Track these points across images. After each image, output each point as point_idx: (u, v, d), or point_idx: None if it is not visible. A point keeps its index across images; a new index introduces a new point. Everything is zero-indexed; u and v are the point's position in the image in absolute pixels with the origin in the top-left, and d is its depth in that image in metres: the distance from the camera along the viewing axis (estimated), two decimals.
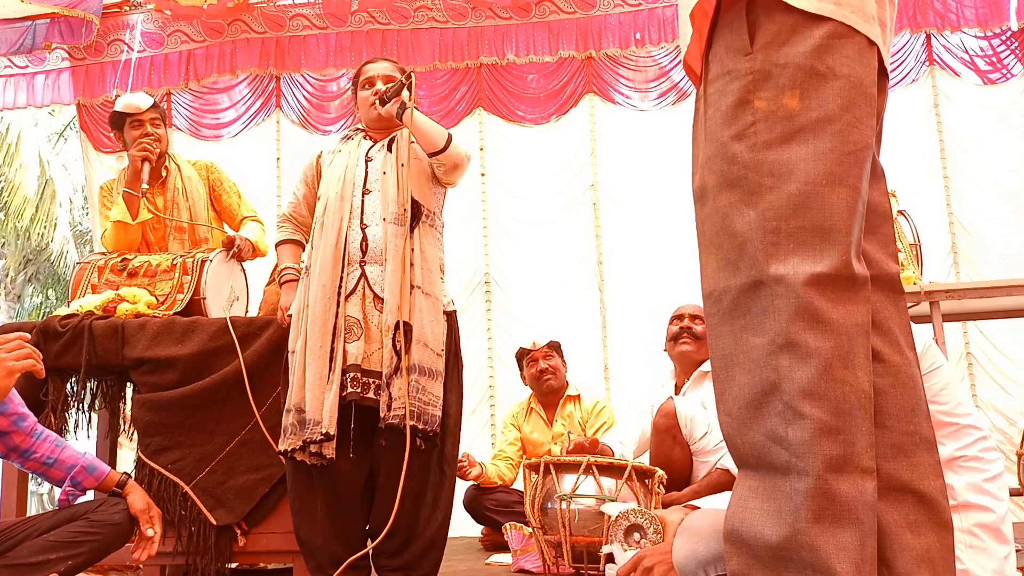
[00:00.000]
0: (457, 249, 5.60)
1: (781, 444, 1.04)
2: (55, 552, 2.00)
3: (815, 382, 1.03)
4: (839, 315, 1.04)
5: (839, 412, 1.02)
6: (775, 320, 1.05)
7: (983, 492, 1.62)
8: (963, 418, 1.67)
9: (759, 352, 1.07)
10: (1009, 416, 5.04)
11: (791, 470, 1.03)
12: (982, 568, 1.57)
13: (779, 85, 1.08)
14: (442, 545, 2.48)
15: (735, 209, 1.11)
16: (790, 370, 1.04)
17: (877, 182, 1.22)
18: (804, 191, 1.06)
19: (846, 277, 1.05)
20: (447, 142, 2.48)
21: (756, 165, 1.09)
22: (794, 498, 1.03)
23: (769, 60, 1.09)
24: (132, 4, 6.00)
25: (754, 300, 1.08)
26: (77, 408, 2.81)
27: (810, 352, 1.03)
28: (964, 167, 5.47)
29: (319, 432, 2.28)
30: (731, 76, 1.12)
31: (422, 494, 2.41)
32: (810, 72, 1.08)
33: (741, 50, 1.11)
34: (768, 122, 1.09)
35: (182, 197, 3.21)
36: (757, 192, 1.08)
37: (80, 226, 13.60)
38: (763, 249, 1.07)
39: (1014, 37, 5.54)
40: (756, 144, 1.09)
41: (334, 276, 2.39)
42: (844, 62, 1.09)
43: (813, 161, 1.06)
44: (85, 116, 5.99)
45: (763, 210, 1.07)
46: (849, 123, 1.08)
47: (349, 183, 2.49)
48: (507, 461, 3.91)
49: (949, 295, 2.94)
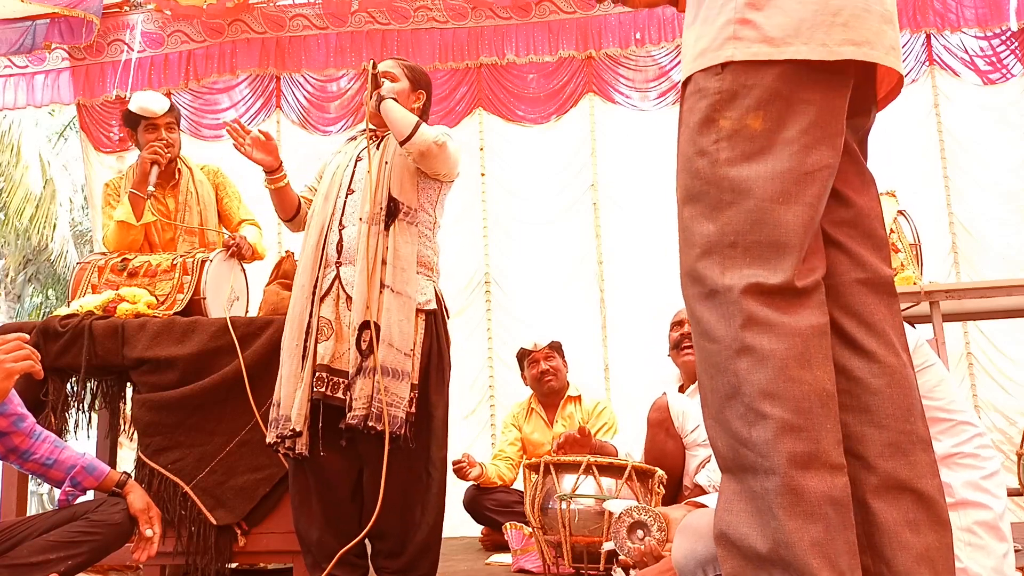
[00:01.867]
0: (457, 249, 5.60)
1: (747, 445, 1.08)
2: (55, 552, 2.00)
3: (773, 383, 1.07)
4: (791, 320, 1.09)
5: (799, 410, 1.06)
6: (730, 327, 1.10)
7: (981, 490, 1.62)
8: (958, 414, 1.68)
9: (720, 357, 1.12)
10: (1009, 416, 5.04)
11: (759, 470, 1.06)
12: (981, 566, 1.57)
13: (744, 106, 1.14)
14: (437, 547, 2.48)
15: (696, 222, 1.17)
16: (748, 373, 1.08)
17: (867, 188, 1.26)
18: (760, 207, 1.12)
19: (796, 288, 1.11)
20: (412, 130, 2.45)
21: (717, 181, 1.14)
22: (766, 497, 1.05)
23: (737, 81, 1.15)
24: (132, 4, 6.00)
25: (710, 308, 1.13)
26: (77, 408, 2.81)
27: (765, 355, 1.08)
28: (964, 167, 5.47)
29: (288, 428, 2.34)
30: (701, 95, 1.18)
31: (408, 497, 2.41)
32: (774, 95, 1.14)
33: (713, 70, 1.16)
34: (731, 141, 1.14)
35: (194, 201, 3.22)
36: (717, 207, 1.14)
37: (80, 226, 13.61)
38: (720, 261, 1.13)
39: (1014, 37, 5.54)
40: (718, 161, 1.15)
41: (311, 277, 2.44)
42: (808, 87, 1.14)
43: (770, 180, 1.12)
44: (85, 116, 5.99)
45: (722, 224, 1.14)
46: (807, 145, 1.14)
47: (335, 184, 2.54)
48: (507, 461, 3.91)
49: (949, 295, 2.94)
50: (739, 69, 1.15)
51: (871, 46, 1.16)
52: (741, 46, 1.15)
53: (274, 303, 2.90)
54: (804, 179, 1.13)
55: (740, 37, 1.15)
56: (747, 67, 1.14)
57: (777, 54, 1.13)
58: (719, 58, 1.16)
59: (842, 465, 1.08)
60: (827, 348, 1.11)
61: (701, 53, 1.19)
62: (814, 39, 1.13)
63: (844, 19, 1.14)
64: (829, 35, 1.13)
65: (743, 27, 1.15)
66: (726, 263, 1.12)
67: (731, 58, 1.15)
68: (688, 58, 1.23)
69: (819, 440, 1.06)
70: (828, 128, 1.15)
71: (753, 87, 1.14)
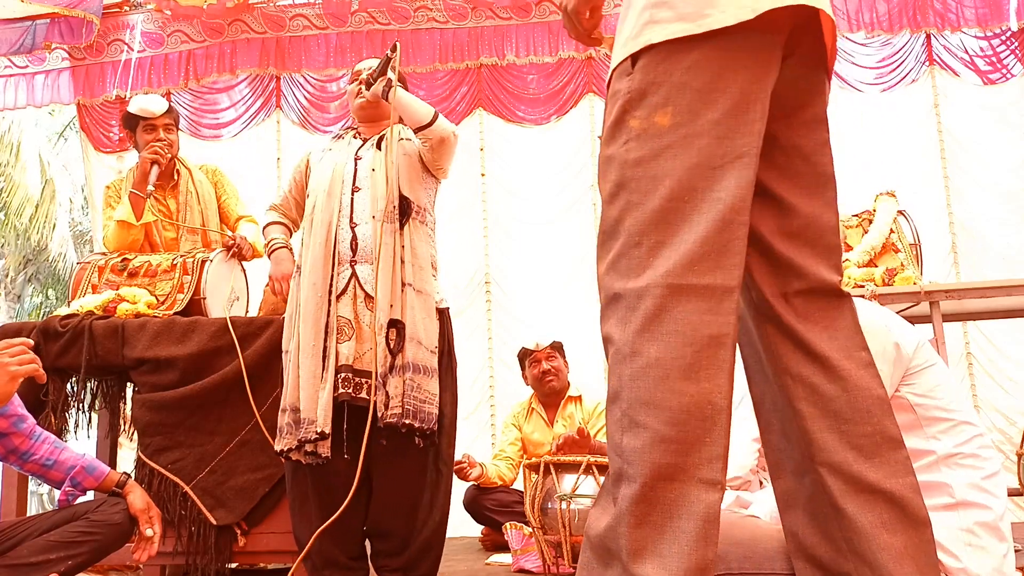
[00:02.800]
0: (457, 249, 5.60)
1: (617, 451, 1.06)
2: (55, 552, 2.00)
3: (651, 392, 1.04)
4: (689, 326, 1.06)
5: (673, 422, 1.03)
6: (625, 330, 1.08)
7: (981, 490, 1.62)
8: (958, 414, 1.67)
9: (610, 361, 1.10)
10: (1009, 416, 5.04)
11: (623, 476, 1.04)
12: (981, 566, 1.57)
13: (652, 104, 1.11)
14: (440, 545, 2.47)
15: (608, 224, 1.15)
16: (630, 379, 1.06)
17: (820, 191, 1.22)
18: (667, 207, 1.09)
19: (704, 288, 1.07)
20: (433, 117, 2.48)
21: (627, 183, 1.12)
22: (621, 504, 1.03)
23: (646, 79, 1.12)
24: (132, 4, 6.00)
25: (613, 311, 1.11)
26: (77, 408, 2.81)
27: (650, 363, 1.05)
28: (964, 167, 5.47)
29: (314, 431, 2.27)
30: (616, 96, 1.15)
31: (419, 494, 2.41)
32: (683, 87, 1.10)
33: (625, 71, 1.15)
34: (639, 141, 1.12)
35: (194, 200, 3.23)
36: (627, 209, 1.11)
37: (80, 226, 13.60)
38: (626, 264, 1.10)
39: (1014, 37, 5.54)
40: (628, 162, 1.12)
41: (324, 275, 2.38)
42: (728, 69, 1.10)
43: (679, 178, 1.09)
44: (85, 116, 5.99)
45: (630, 226, 1.10)
46: (719, 136, 1.10)
47: (338, 181, 2.48)
48: (507, 461, 3.91)
49: (949, 295, 2.93)
50: (649, 65, 1.11)
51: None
52: (658, 28, 1.12)
53: (274, 303, 2.90)
54: (715, 174, 1.09)
55: (657, 20, 1.12)
56: (658, 61, 1.11)
57: (695, 28, 1.09)
58: (638, 44, 1.13)
59: (715, 482, 1.04)
60: (724, 360, 1.07)
61: (623, 44, 1.17)
62: (732, 2, 1.08)
63: None
64: None
65: (659, 9, 1.12)
66: (632, 265, 1.10)
67: (650, 41, 1.11)
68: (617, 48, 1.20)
69: (689, 453, 1.03)
70: (746, 115, 1.11)
71: (662, 84, 1.11)
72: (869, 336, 1.66)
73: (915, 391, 1.68)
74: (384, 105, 2.54)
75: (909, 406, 1.67)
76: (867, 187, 3.68)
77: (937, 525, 1.59)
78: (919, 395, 1.67)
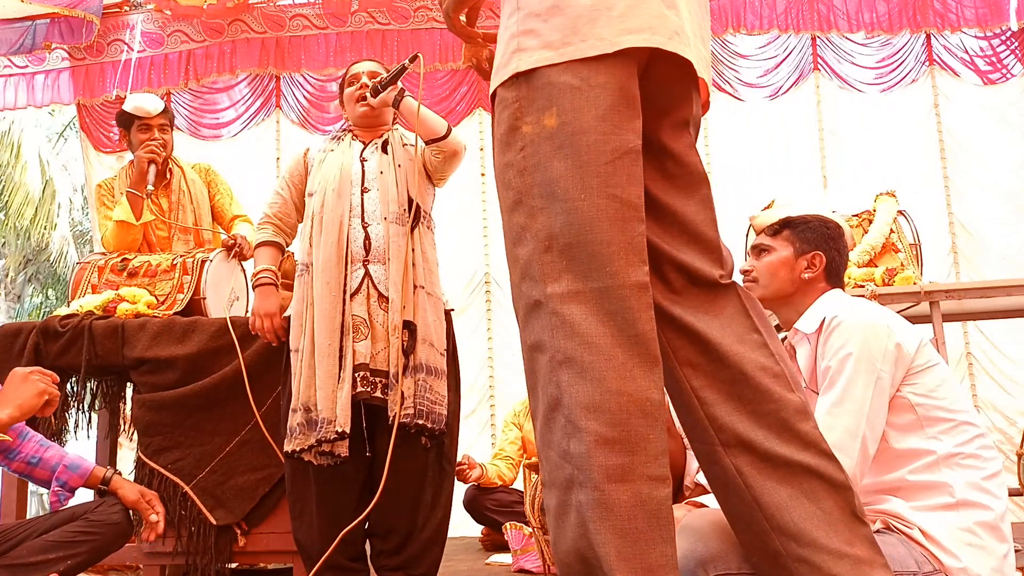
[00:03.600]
0: (457, 249, 5.60)
1: (566, 459, 1.06)
2: (54, 552, 2.00)
3: (592, 395, 1.05)
4: (615, 327, 1.07)
5: (616, 423, 1.05)
6: (553, 337, 1.09)
7: (982, 490, 1.62)
8: (960, 415, 1.68)
9: (544, 370, 1.10)
10: (1009, 416, 5.04)
11: (574, 483, 1.05)
12: (981, 566, 1.57)
13: (539, 107, 1.14)
14: (441, 544, 2.47)
15: (514, 233, 1.16)
16: (569, 385, 1.07)
17: (694, 192, 1.25)
18: (568, 208, 1.10)
19: (621, 287, 1.08)
20: (448, 130, 2.50)
21: (527, 189, 1.14)
22: (581, 510, 1.04)
23: (532, 85, 1.15)
24: (132, 4, 6.00)
25: (537, 319, 1.11)
26: (77, 408, 2.81)
27: (585, 367, 1.06)
28: (964, 167, 5.47)
29: (333, 431, 2.25)
30: (503, 106, 1.19)
31: (421, 493, 2.41)
32: (566, 88, 1.13)
33: (509, 81, 1.18)
34: (534, 145, 1.14)
35: (187, 199, 3.22)
36: (531, 215, 1.13)
37: (80, 226, 13.60)
38: (539, 270, 1.11)
39: (1014, 37, 5.55)
40: (525, 168, 1.14)
41: (338, 274, 2.36)
42: (600, 74, 1.13)
43: (573, 177, 1.11)
44: (85, 116, 5.99)
45: (536, 231, 1.12)
46: (605, 132, 1.12)
47: (347, 180, 2.46)
48: (507, 461, 3.91)
49: (949, 295, 2.93)
50: (532, 74, 1.15)
51: (652, 31, 1.16)
52: (524, 56, 1.17)
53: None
54: (606, 169, 1.11)
55: (523, 48, 1.17)
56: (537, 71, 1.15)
57: (558, 57, 1.14)
58: (508, 72, 1.18)
59: (663, 477, 1.06)
60: (654, 354, 1.09)
61: (496, 71, 1.22)
62: (592, 35, 1.14)
63: (619, 11, 1.15)
64: (607, 28, 1.14)
65: (526, 37, 1.17)
66: (545, 271, 1.11)
67: (517, 69, 1.16)
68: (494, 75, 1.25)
69: (635, 452, 1.05)
70: (625, 112, 1.14)
71: (546, 86, 1.14)
72: (872, 336, 1.67)
73: (917, 391, 1.68)
74: (386, 112, 2.54)
75: (910, 406, 1.67)
76: (867, 187, 3.69)
77: (937, 524, 1.59)
78: (920, 395, 1.68)
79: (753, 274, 1.93)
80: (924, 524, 1.59)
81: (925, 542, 1.58)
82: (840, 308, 1.76)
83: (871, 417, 1.64)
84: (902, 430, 1.67)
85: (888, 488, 1.68)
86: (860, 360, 1.66)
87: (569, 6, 1.16)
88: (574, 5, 1.16)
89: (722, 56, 5.78)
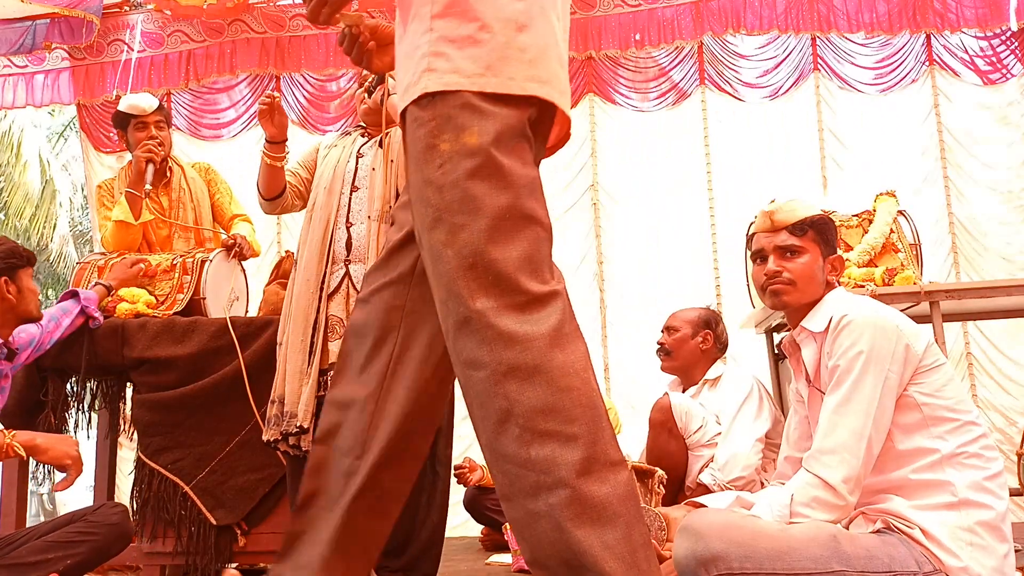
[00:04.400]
0: None
1: (527, 466, 1.06)
2: (53, 552, 2.01)
3: (544, 398, 1.07)
4: (544, 330, 1.10)
5: (572, 418, 1.06)
6: (492, 351, 1.09)
7: (984, 490, 1.62)
8: (965, 415, 1.68)
9: (484, 385, 1.10)
10: (1009, 416, 5.04)
11: (541, 488, 1.05)
12: (982, 566, 1.57)
13: (458, 125, 1.16)
14: (439, 545, 2.47)
15: (435, 251, 1.16)
16: (519, 393, 1.07)
17: None
18: (492, 225, 1.12)
19: (542, 295, 1.12)
20: None
21: (447, 206, 1.15)
22: (552, 513, 1.04)
23: (445, 103, 1.18)
24: (132, 4, 6.00)
25: (467, 336, 1.12)
26: (77, 408, 2.81)
27: (531, 372, 1.08)
28: (964, 167, 5.47)
29: (295, 425, 2.31)
30: (418, 124, 1.20)
31: (415, 496, 2.41)
32: (475, 111, 1.17)
33: (424, 100, 1.20)
34: (453, 162, 1.15)
35: (187, 198, 3.22)
36: (453, 231, 1.14)
37: (80, 226, 13.60)
38: (465, 286, 1.12)
39: (1014, 37, 5.54)
40: (444, 186, 1.15)
41: (318, 272, 2.41)
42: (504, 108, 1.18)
43: (496, 195, 1.14)
44: (85, 116, 5.99)
45: (459, 249, 1.13)
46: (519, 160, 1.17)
47: (338, 179, 2.50)
48: None
49: (949, 295, 2.93)
50: (447, 94, 1.18)
51: (551, 86, 1.22)
52: (434, 77, 1.19)
53: (274, 303, 2.89)
54: (522, 191, 1.15)
55: (434, 68, 1.19)
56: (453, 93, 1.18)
57: (468, 84, 1.17)
58: (418, 91, 1.20)
59: (620, 460, 1.09)
60: (584, 348, 1.13)
61: (406, 89, 1.24)
62: (503, 73, 1.18)
63: (530, 57, 1.20)
64: (517, 70, 1.19)
65: (436, 59, 1.20)
66: (472, 287, 1.12)
67: (426, 89, 1.19)
68: (399, 93, 1.27)
69: (595, 443, 1.07)
70: (528, 149, 1.20)
71: (464, 107, 1.17)
72: (881, 336, 1.67)
73: (923, 390, 1.68)
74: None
75: (916, 405, 1.67)
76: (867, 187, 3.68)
77: (938, 524, 1.59)
78: (927, 395, 1.68)
79: (787, 275, 1.85)
80: (925, 524, 1.60)
81: (926, 542, 1.58)
82: (848, 307, 1.76)
83: (877, 417, 1.64)
84: (907, 430, 1.67)
85: (890, 487, 1.68)
86: (869, 360, 1.66)
87: (484, 40, 1.19)
88: (488, 40, 1.19)
89: (722, 56, 5.78)
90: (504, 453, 1.09)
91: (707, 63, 5.78)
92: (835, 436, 1.65)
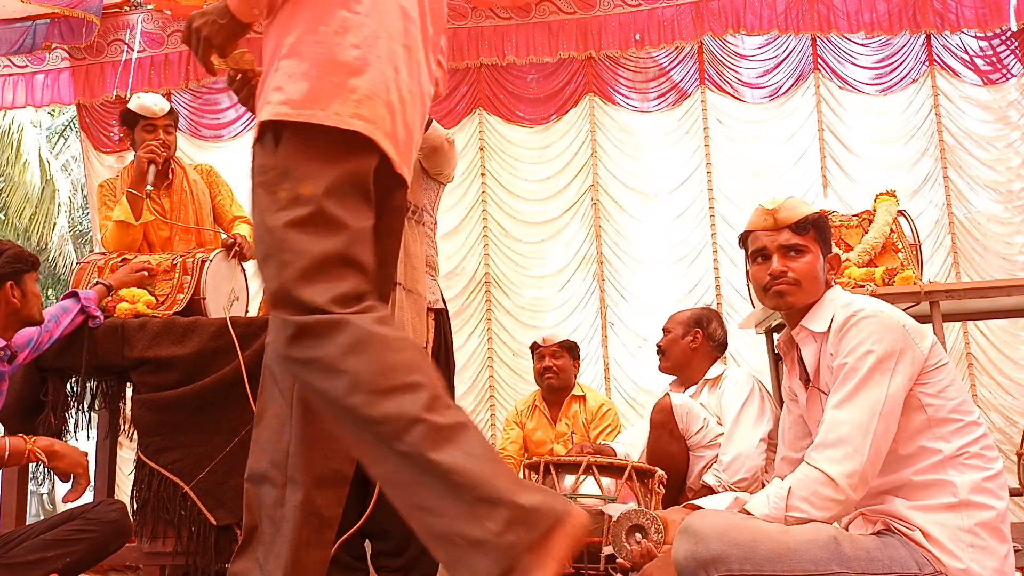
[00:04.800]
0: (457, 249, 5.61)
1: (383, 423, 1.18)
2: (52, 550, 2.01)
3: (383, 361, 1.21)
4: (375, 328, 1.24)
5: (412, 368, 1.21)
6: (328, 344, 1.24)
7: (985, 491, 1.62)
8: (968, 415, 1.67)
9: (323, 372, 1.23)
10: (1009, 416, 5.04)
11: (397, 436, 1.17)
12: (983, 567, 1.57)
13: (296, 177, 1.29)
14: None
15: (269, 284, 1.32)
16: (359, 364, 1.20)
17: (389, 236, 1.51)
18: (315, 264, 1.27)
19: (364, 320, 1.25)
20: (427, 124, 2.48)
21: (279, 244, 1.29)
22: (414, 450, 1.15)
23: (288, 157, 1.31)
24: (132, 4, 6.00)
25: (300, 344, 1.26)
26: (77, 408, 2.80)
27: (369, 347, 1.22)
28: (964, 167, 5.47)
29: None
30: (264, 171, 1.33)
31: None
32: (312, 162, 1.29)
33: (270, 147, 1.33)
34: (288, 209, 1.29)
35: (189, 199, 3.22)
36: (282, 267, 1.28)
37: (80, 226, 13.59)
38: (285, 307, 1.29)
39: (1014, 37, 5.55)
40: (276, 228, 1.29)
41: None
42: (341, 150, 1.30)
43: (317, 242, 1.27)
44: (85, 116, 5.99)
45: (283, 282, 1.28)
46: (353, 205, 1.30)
47: None
48: (509, 460, 3.90)
49: (949, 295, 2.93)
50: (290, 144, 1.30)
51: (376, 126, 1.33)
52: (269, 108, 1.32)
53: None
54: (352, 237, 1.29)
55: (270, 101, 1.33)
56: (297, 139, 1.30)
57: (296, 115, 1.29)
58: (257, 120, 1.34)
59: (447, 393, 1.23)
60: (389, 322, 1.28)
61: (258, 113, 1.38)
62: (330, 107, 1.30)
63: (358, 97, 1.32)
64: (343, 107, 1.30)
65: (275, 92, 1.33)
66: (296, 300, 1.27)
67: (261, 118, 1.32)
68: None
69: (437, 388, 1.20)
70: (360, 190, 1.32)
71: (300, 160, 1.29)
72: (889, 335, 1.66)
73: (928, 391, 1.67)
74: None
75: (921, 407, 1.67)
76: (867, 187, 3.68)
77: (939, 526, 1.59)
78: (931, 395, 1.67)
79: (792, 276, 1.81)
80: (925, 525, 1.59)
81: (926, 543, 1.58)
82: (853, 306, 1.74)
83: (884, 416, 1.62)
84: (911, 432, 1.66)
85: (890, 488, 1.67)
86: (878, 359, 1.65)
87: (314, 76, 1.31)
88: (319, 78, 1.31)
89: (722, 56, 5.79)
90: (358, 420, 1.19)
91: (707, 63, 5.78)
92: (838, 431, 1.63)
